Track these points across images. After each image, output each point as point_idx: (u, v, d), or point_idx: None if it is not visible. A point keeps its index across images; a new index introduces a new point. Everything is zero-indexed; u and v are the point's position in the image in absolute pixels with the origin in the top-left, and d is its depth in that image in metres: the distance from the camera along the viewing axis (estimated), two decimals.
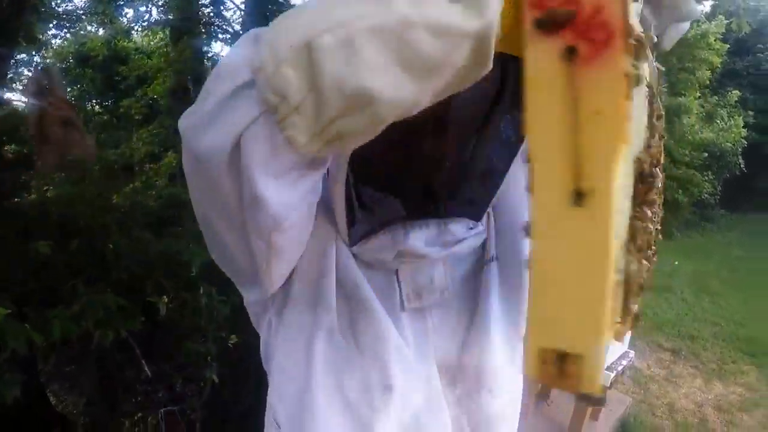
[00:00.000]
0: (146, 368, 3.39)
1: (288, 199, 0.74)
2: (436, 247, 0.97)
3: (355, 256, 0.95)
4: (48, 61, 7.16)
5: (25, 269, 2.47)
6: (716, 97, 11.73)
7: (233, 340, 3.36)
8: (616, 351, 3.19)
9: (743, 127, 10.95)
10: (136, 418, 3.41)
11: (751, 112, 12.27)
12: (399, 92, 0.57)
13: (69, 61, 7.60)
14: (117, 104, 6.45)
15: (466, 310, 1.03)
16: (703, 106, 10.97)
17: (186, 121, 0.68)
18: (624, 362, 3.28)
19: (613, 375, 3.14)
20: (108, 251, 2.67)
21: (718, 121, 10.89)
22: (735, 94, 11.79)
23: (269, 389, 1.07)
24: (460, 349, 1.02)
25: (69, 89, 7.03)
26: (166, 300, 2.49)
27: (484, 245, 1.04)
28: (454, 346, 1.01)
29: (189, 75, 5.32)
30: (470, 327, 1.03)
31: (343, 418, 0.99)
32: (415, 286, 0.99)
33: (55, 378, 3.98)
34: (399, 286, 0.98)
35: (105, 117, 6.83)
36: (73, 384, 3.84)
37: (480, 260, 1.04)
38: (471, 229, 1.01)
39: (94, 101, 7.43)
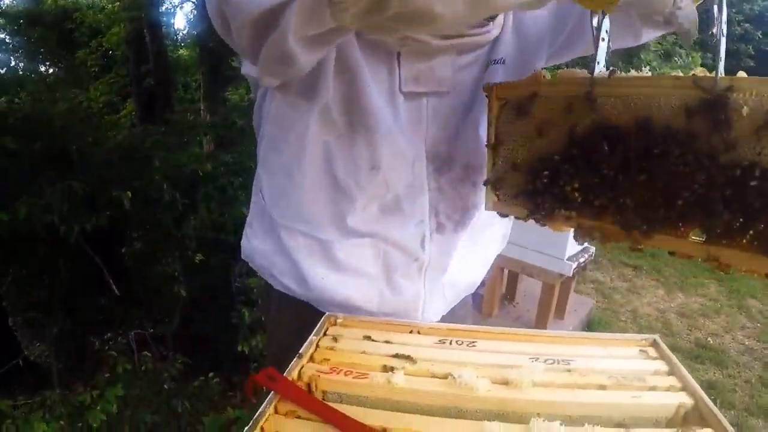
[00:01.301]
0: (114, 287, 3.36)
1: (313, 58, 0.82)
2: (440, 37, 0.97)
3: (357, 35, 0.95)
4: None
5: None
6: (674, 36, 11.84)
7: (199, 258, 3.34)
8: (576, 244, 3.25)
9: (701, 65, 11.12)
10: (105, 337, 3.39)
11: (709, 54, 12.43)
12: (455, 21, 0.60)
13: (20, 22, 7.40)
14: (72, 58, 6.32)
15: (463, 105, 1.05)
16: (660, 43, 11.06)
17: None
18: (585, 256, 3.34)
19: (575, 266, 3.20)
20: (71, 151, 2.65)
21: (677, 59, 11.06)
22: None
23: (259, 157, 1.13)
24: (452, 141, 1.04)
25: (20, 50, 6.88)
26: (129, 195, 2.48)
27: (493, 46, 1.04)
28: (446, 136, 1.04)
29: (144, 21, 5.22)
30: (465, 121, 1.05)
31: (329, 193, 1.04)
32: (415, 71, 1.00)
33: (25, 327, 3.93)
34: (399, 68, 0.99)
35: (60, 74, 6.68)
36: (41, 324, 3.79)
37: (486, 60, 1.05)
38: (482, 27, 1.00)
39: (47, 62, 7.26)
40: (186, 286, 3.23)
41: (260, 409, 0.78)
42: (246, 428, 0.74)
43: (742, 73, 0.75)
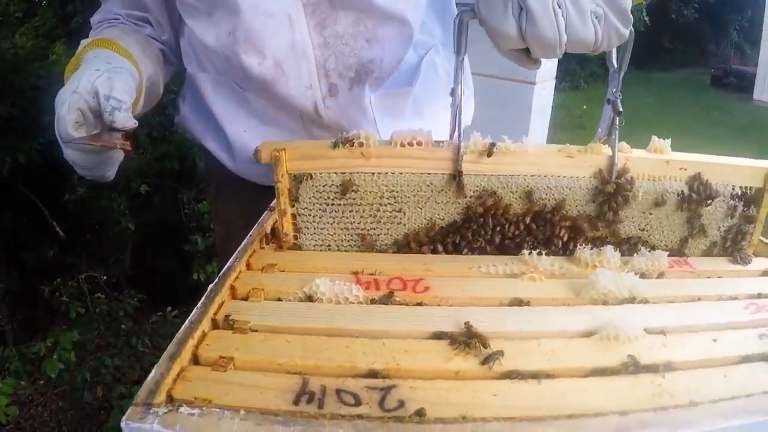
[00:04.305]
0: (59, 230, 3.18)
1: None
2: None
3: None
4: None
5: None
6: None
7: (144, 189, 3.16)
8: None
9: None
10: (55, 284, 3.21)
11: None
12: None
13: None
14: None
15: None
16: None
17: None
18: None
19: None
20: None
21: None
22: None
23: None
24: None
25: None
26: None
27: None
28: None
29: None
30: None
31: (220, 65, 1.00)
32: None
33: None
34: None
35: None
36: None
37: None
38: None
39: None
40: (133, 219, 3.07)
41: (228, 264, 0.66)
42: (210, 286, 0.62)
43: (625, 145, 0.75)
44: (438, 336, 0.52)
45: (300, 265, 0.68)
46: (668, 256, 0.73)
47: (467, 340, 0.51)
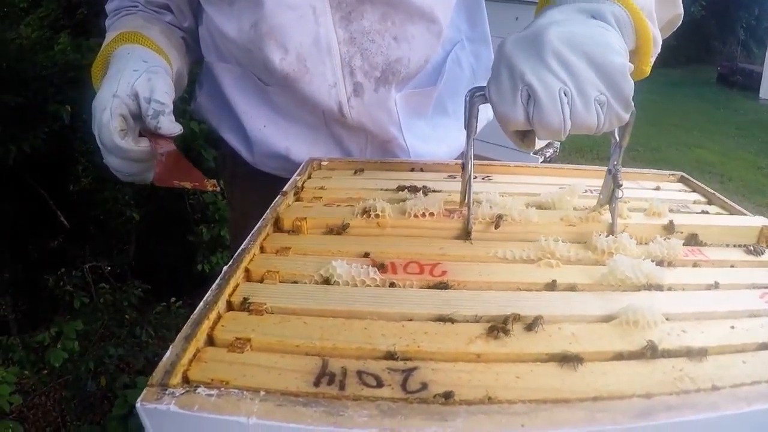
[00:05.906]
0: (63, 220, 3.18)
1: None
2: None
3: None
4: None
5: None
6: None
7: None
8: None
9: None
10: (59, 273, 3.21)
11: None
12: None
13: None
14: None
15: None
16: None
17: None
18: (550, 150, 3.32)
19: (541, 159, 3.18)
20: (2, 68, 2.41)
21: None
22: None
23: None
24: None
25: None
26: (69, 109, 2.26)
27: None
28: None
29: None
30: None
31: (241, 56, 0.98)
32: None
33: None
34: None
35: None
36: None
37: None
38: None
39: None
40: (138, 210, 3.06)
41: (242, 247, 0.66)
42: (225, 268, 0.62)
43: (624, 210, 0.77)
44: (458, 319, 0.52)
45: (315, 249, 0.68)
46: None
47: (497, 324, 0.51)
